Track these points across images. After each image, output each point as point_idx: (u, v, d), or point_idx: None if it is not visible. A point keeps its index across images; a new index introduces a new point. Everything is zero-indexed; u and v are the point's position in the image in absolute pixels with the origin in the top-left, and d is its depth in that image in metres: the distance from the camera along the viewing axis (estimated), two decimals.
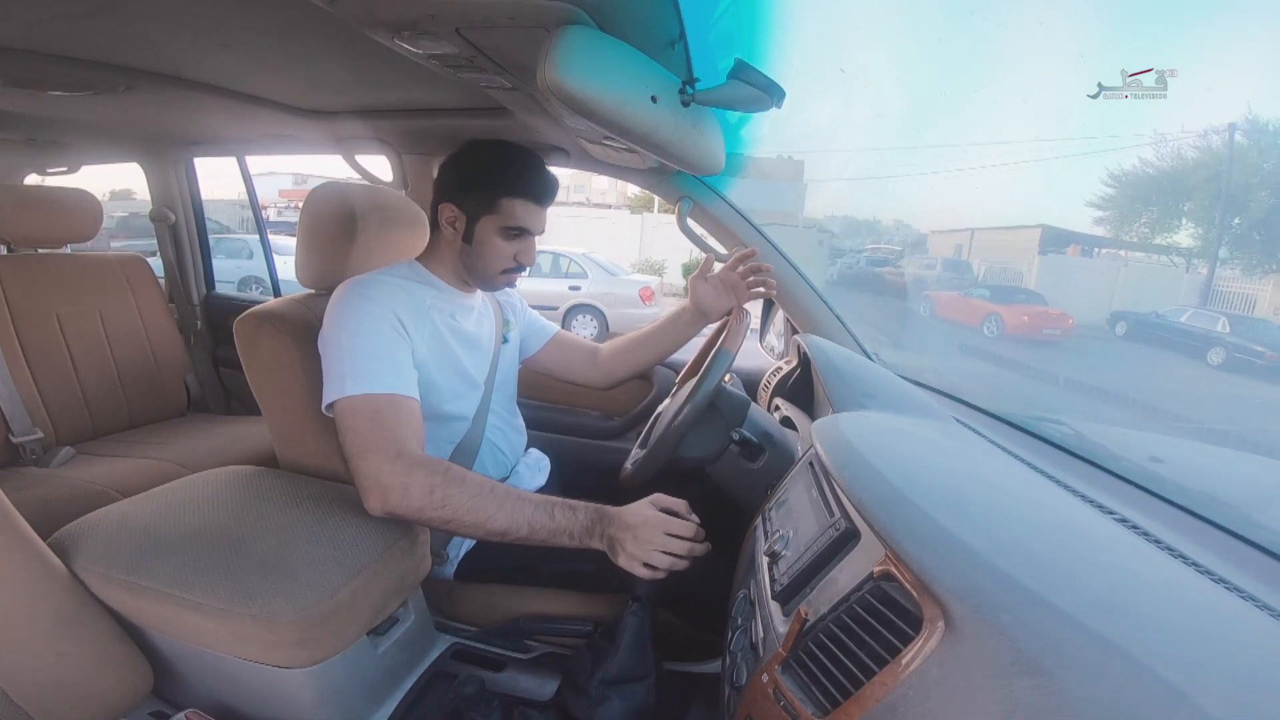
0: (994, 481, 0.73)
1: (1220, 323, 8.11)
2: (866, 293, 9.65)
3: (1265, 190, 8.99)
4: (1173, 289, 10.17)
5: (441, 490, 0.90)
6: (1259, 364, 7.77)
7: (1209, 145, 9.91)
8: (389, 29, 0.79)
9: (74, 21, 0.99)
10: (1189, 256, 10.42)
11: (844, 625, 0.54)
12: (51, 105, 1.57)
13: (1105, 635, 0.39)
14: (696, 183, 1.44)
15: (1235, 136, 8.37)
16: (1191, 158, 10.81)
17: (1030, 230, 12.12)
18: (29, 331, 1.81)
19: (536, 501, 0.95)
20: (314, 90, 1.39)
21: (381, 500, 0.90)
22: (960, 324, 9.26)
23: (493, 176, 1.13)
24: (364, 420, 0.94)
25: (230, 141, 2.11)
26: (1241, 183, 9.11)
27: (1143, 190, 11.13)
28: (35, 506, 1.08)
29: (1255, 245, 9.82)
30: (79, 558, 0.83)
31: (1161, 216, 11.46)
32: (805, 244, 7.44)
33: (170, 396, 2.16)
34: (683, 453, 1.07)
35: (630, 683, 0.88)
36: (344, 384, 0.96)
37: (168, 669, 0.89)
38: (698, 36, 0.84)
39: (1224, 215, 10.44)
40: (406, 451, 0.92)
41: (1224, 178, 9.65)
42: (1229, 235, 10.25)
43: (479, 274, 1.18)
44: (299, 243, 1.26)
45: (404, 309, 1.07)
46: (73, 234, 2.03)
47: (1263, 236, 9.42)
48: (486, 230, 1.14)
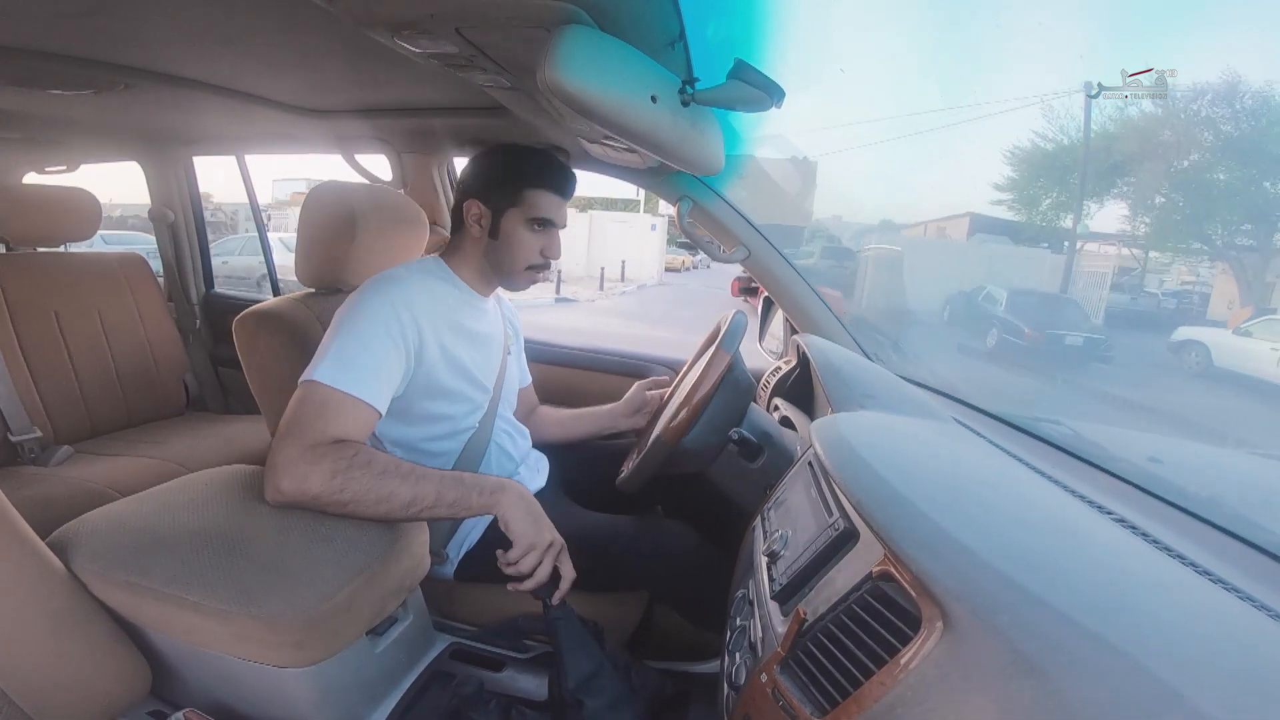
0: (992, 482, 0.73)
1: (1001, 302, 8.16)
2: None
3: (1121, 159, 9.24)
4: (1046, 267, 10.42)
5: (343, 475, 0.89)
6: (1019, 344, 7.91)
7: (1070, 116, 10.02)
8: (388, 28, 0.79)
9: (73, 20, 0.99)
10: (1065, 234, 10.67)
11: (843, 625, 0.54)
12: (50, 104, 1.57)
13: (1103, 635, 0.39)
14: (696, 183, 1.44)
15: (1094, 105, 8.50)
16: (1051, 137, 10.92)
17: (960, 219, 12.64)
18: (27, 330, 1.81)
19: (444, 474, 0.96)
20: (313, 89, 1.39)
21: (276, 487, 0.89)
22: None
23: (515, 170, 1.15)
24: (308, 407, 0.93)
25: (230, 140, 2.11)
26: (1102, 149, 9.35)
27: (1038, 169, 11.33)
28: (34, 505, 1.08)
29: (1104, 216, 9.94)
30: (77, 557, 0.83)
31: (1038, 193, 11.69)
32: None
33: (169, 395, 2.16)
34: (685, 445, 1.07)
35: (590, 679, 0.89)
36: (316, 368, 0.96)
37: (166, 668, 0.89)
38: (698, 36, 0.84)
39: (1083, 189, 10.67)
40: (324, 443, 0.91)
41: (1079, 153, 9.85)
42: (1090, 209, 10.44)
43: (505, 269, 1.19)
44: (298, 242, 1.26)
45: (423, 313, 1.07)
46: (71, 233, 2.03)
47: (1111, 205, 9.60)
48: (512, 223, 1.15)
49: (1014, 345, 7.93)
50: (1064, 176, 11.18)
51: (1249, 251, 9.22)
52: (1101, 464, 0.92)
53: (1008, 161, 11.48)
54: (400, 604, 1.00)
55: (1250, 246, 9.31)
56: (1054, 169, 11.34)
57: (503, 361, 1.29)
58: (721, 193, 1.46)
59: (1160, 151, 9.98)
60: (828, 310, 1.46)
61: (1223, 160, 9.75)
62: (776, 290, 1.49)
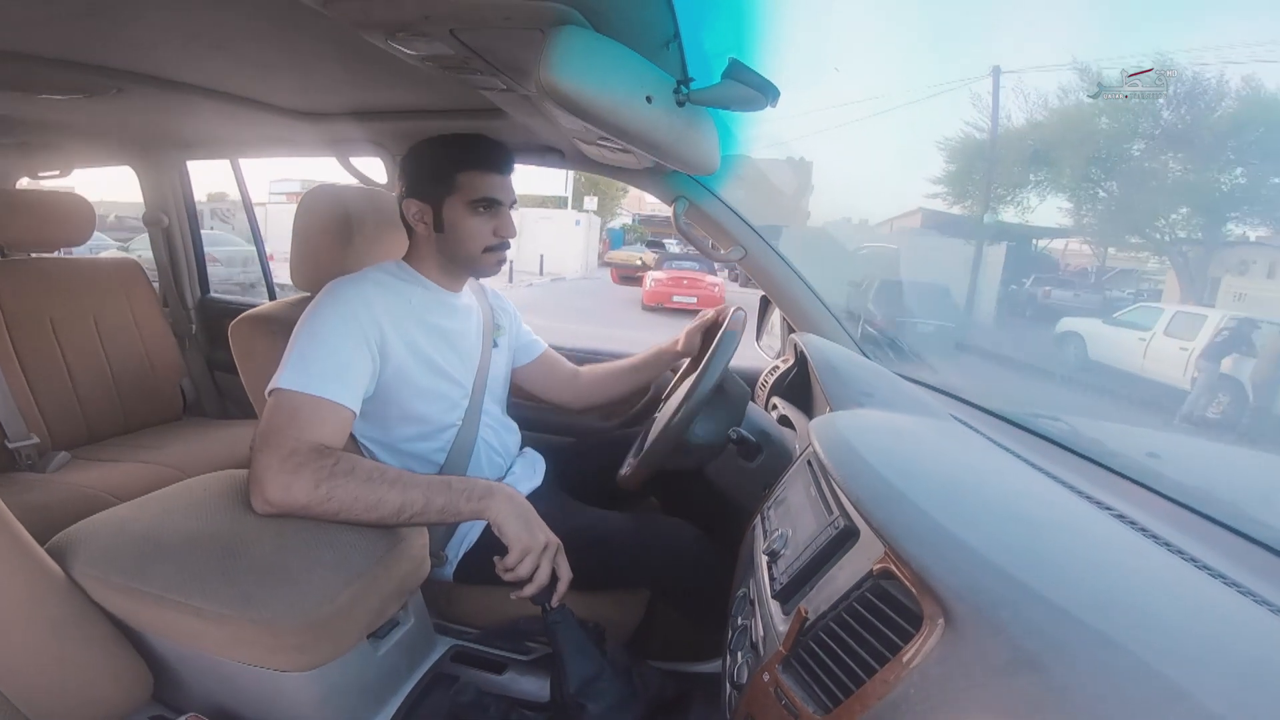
0: (992, 478, 0.74)
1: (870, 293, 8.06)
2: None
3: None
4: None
5: (327, 484, 0.88)
6: (871, 331, 8.36)
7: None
8: (383, 30, 0.79)
9: (66, 24, 0.98)
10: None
11: (844, 623, 0.54)
12: (43, 109, 1.56)
13: (1104, 631, 0.39)
14: (692, 183, 1.44)
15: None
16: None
17: (914, 214, 12.96)
18: (23, 336, 1.80)
19: (432, 479, 0.96)
20: (307, 92, 1.39)
21: (262, 498, 0.89)
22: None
23: (442, 158, 1.15)
24: (280, 415, 0.93)
25: (224, 144, 2.10)
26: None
27: (971, 160, 11.37)
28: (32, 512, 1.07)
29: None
30: (76, 563, 0.82)
31: (971, 186, 11.75)
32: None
33: (165, 400, 2.15)
34: (689, 439, 1.07)
35: (591, 683, 0.89)
36: (282, 375, 0.96)
37: (167, 673, 0.89)
38: (692, 36, 0.84)
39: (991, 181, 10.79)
40: (301, 449, 0.91)
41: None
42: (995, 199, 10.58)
43: (462, 259, 1.18)
44: (294, 246, 1.25)
45: (383, 311, 1.07)
46: (66, 238, 2.02)
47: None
48: (454, 212, 1.15)
49: (869, 333, 8.30)
50: (998, 168, 11.28)
51: (1187, 244, 9.34)
52: (1099, 459, 0.93)
53: (941, 152, 11.49)
54: (401, 607, 1.00)
55: (1184, 239, 9.42)
56: (989, 160, 11.43)
57: (484, 355, 1.28)
58: (717, 192, 1.46)
59: (1089, 140, 10.06)
60: (825, 309, 1.46)
61: (1157, 149, 9.82)
62: (774, 289, 1.49)
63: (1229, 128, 8.89)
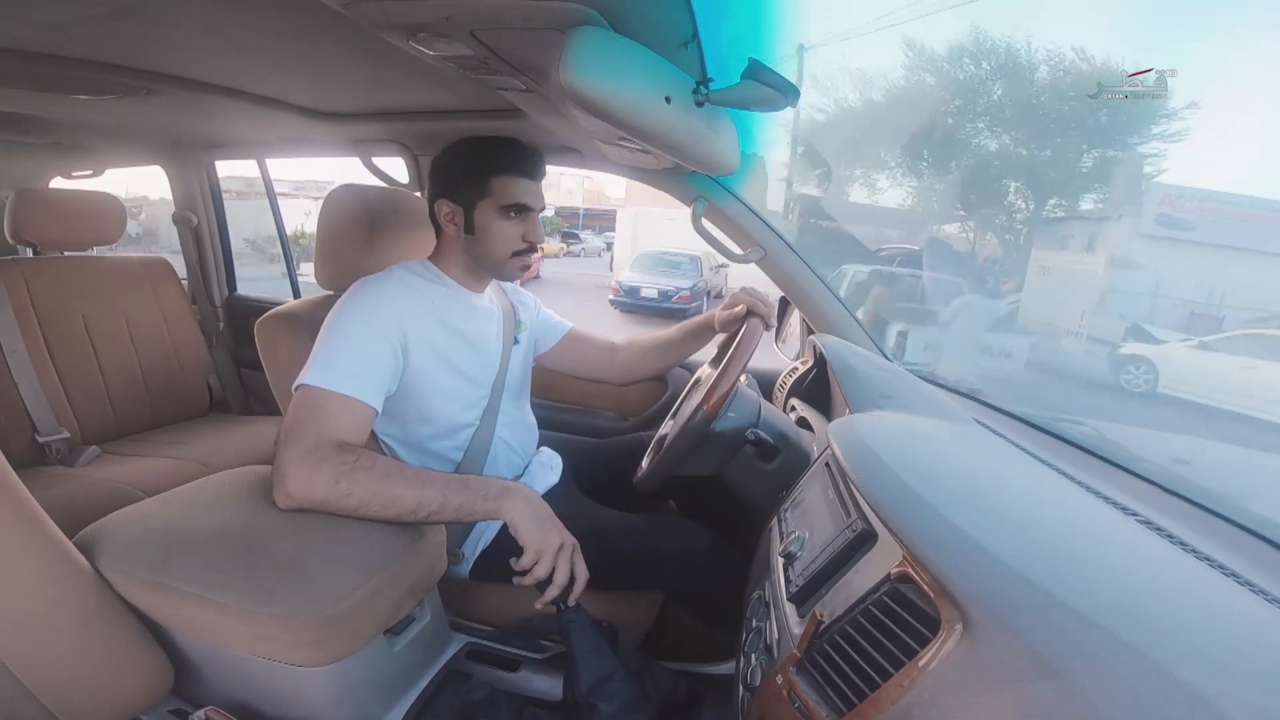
0: (1013, 483, 0.73)
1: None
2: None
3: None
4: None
5: (347, 480, 0.89)
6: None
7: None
8: (403, 31, 0.79)
9: (97, 25, 1.00)
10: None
11: (860, 627, 0.53)
12: (75, 109, 1.60)
13: (1124, 638, 0.39)
14: (711, 183, 1.44)
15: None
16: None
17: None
18: (55, 333, 1.84)
19: (450, 478, 0.96)
20: (330, 93, 1.40)
21: (284, 492, 0.90)
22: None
23: (478, 161, 1.15)
24: (304, 410, 0.95)
25: (250, 144, 2.14)
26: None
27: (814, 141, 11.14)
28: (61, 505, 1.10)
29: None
30: (103, 556, 0.84)
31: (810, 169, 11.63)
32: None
33: (193, 397, 2.19)
34: (686, 471, 1.09)
35: (603, 683, 0.89)
36: (308, 372, 0.98)
37: (188, 667, 0.90)
38: (711, 36, 0.83)
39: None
40: (324, 445, 0.92)
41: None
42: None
43: (490, 263, 1.19)
44: (317, 245, 1.27)
45: (408, 310, 1.08)
46: (97, 237, 2.08)
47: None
48: (485, 215, 1.15)
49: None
50: (842, 150, 11.15)
51: (1018, 224, 9.25)
52: (1125, 465, 0.91)
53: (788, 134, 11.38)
54: (418, 603, 1.01)
55: (1011, 218, 9.33)
56: (832, 141, 11.31)
57: (505, 355, 1.29)
58: (737, 193, 1.45)
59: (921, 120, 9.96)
60: (845, 310, 1.45)
61: (987, 126, 9.68)
62: (793, 290, 1.48)
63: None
